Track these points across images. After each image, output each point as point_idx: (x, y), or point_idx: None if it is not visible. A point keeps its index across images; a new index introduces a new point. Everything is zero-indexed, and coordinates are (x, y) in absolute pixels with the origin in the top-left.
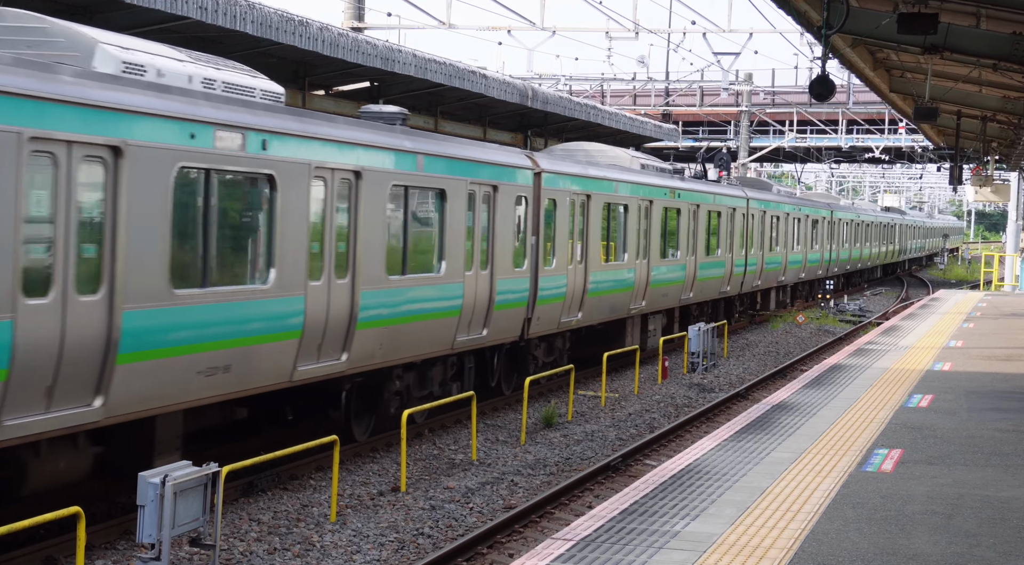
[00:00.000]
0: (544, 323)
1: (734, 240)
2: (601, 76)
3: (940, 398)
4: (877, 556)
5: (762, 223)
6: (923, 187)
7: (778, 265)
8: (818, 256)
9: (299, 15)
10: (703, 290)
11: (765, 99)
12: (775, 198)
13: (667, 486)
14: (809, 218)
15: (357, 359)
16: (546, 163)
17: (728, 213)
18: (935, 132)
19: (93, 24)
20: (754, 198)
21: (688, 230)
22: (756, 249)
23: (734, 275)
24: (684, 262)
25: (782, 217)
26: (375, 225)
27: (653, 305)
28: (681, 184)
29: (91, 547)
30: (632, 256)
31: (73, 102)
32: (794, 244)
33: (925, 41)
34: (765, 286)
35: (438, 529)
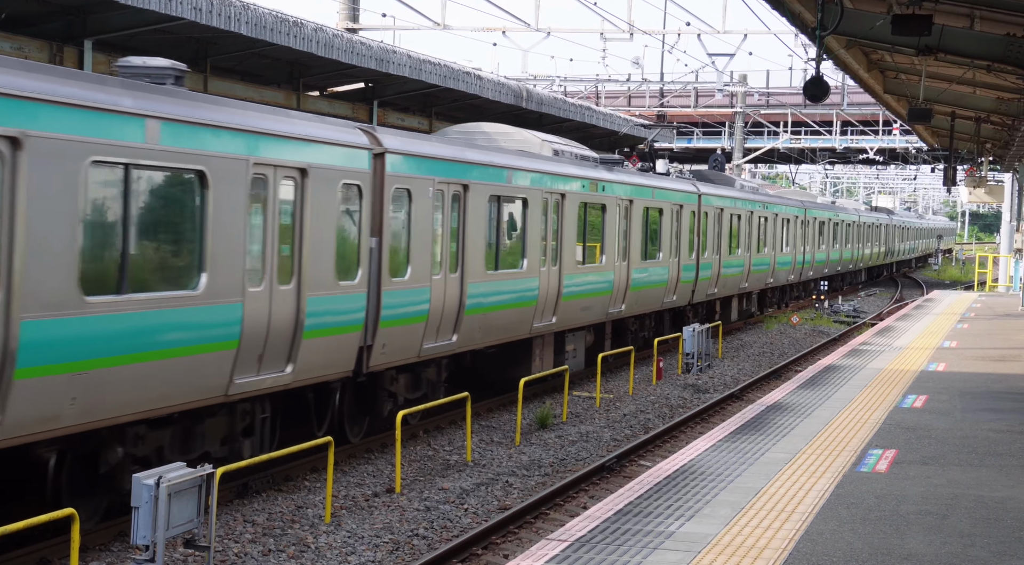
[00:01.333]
0: (395, 351)
1: (681, 242)
2: (596, 77)
3: (934, 399)
4: (872, 556)
5: (718, 222)
6: (917, 188)
7: (740, 270)
8: (789, 259)
9: (294, 16)
10: (640, 301)
11: (759, 100)
12: (736, 194)
13: (662, 487)
14: (779, 217)
15: None
16: (394, 142)
17: (673, 210)
18: (929, 133)
19: (88, 25)
20: (709, 194)
21: (618, 230)
22: (711, 252)
23: (681, 283)
24: (611, 269)
25: (744, 216)
26: (45, 220)
27: (569, 321)
28: (608, 175)
29: (85, 549)
30: (535, 262)
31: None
32: (760, 246)
33: (919, 42)
34: (724, 294)
35: (433, 530)
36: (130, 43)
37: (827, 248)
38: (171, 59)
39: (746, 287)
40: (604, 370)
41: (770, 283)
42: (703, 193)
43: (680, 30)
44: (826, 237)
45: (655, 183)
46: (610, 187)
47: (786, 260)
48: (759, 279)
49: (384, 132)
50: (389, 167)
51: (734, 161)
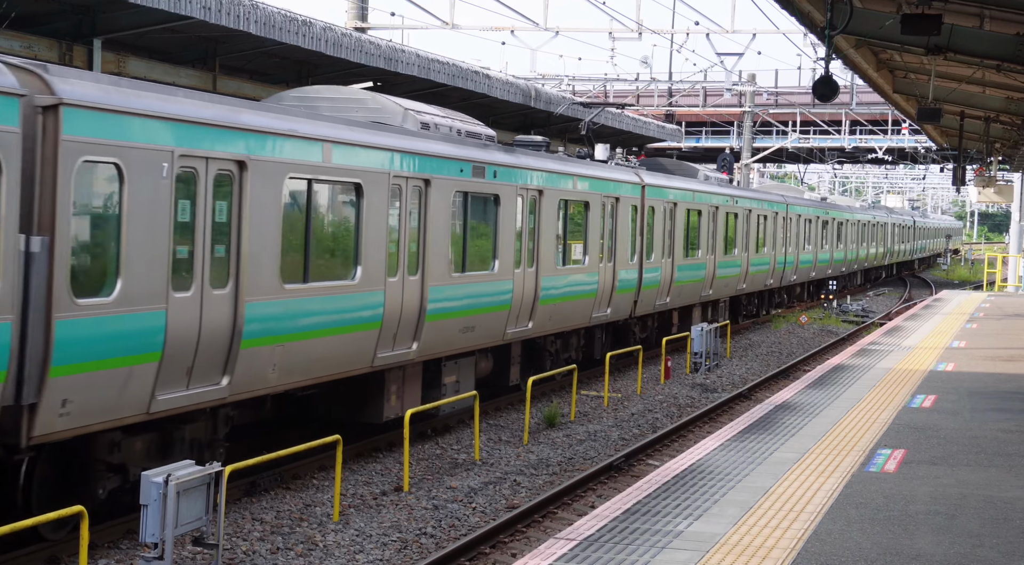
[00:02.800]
0: (89, 409)
1: (618, 242)
2: (604, 76)
3: (943, 398)
4: (880, 556)
5: (670, 219)
6: (926, 188)
7: (700, 276)
8: (767, 261)
9: (302, 15)
10: (558, 317)
11: (768, 100)
12: (697, 186)
13: (670, 486)
14: (753, 214)
15: None
16: (83, 90)
17: (606, 204)
18: (938, 133)
19: (97, 24)
20: (657, 185)
21: (520, 228)
22: (661, 255)
23: (618, 293)
24: (508, 277)
25: (707, 211)
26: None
27: (446, 346)
28: (502, 158)
29: (94, 546)
30: (376, 272)
31: None
32: (729, 247)
33: (929, 42)
34: (682, 304)
35: (441, 529)
36: (139, 42)
37: (814, 249)
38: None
39: (710, 295)
40: (612, 369)
41: (742, 290)
42: (649, 184)
43: (689, 29)
44: (813, 237)
45: (578, 170)
46: (507, 173)
47: (763, 262)
48: (727, 285)
49: (66, 74)
50: (68, 128)
51: (742, 160)
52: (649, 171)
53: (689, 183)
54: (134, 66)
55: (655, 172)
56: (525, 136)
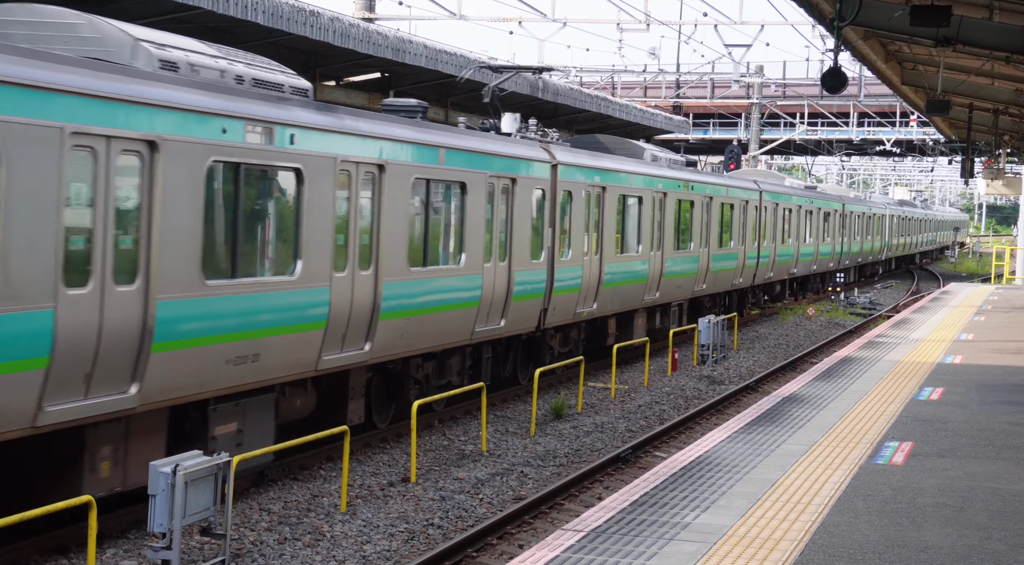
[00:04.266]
0: None
1: (515, 237)
2: (612, 68)
3: (951, 391)
4: (888, 548)
5: (597, 207)
6: (934, 180)
7: (642, 276)
8: (735, 257)
9: (310, 5)
10: (416, 332)
11: (776, 91)
12: (634, 168)
13: (677, 478)
14: (716, 202)
15: None
16: None
17: (493, 187)
18: (947, 125)
19: (104, 13)
20: (574, 164)
21: (352, 218)
22: (585, 251)
23: (515, 300)
24: (324, 283)
25: (653, 199)
26: None
27: (191, 384)
28: (305, 117)
29: (102, 536)
30: (33, 280)
31: None
32: (684, 242)
33: (938, 34)
34: (618, 309)
35: (448, 520)
36: None
37: (796, 242)
38: None
39: (656, 298)
40: (619, 361)
41: (701, 291)
42: (563, 163)
43: (697, 21)
44: (795, 228)
45: (447, 140)
46: (313, 138)
47: (729, 258)
48: (682, 286)
49: None
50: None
51: (750, 152)
52: (573, 148)
53: (625, 163)
54: None
55: (579, 149)
56: (397, 99)
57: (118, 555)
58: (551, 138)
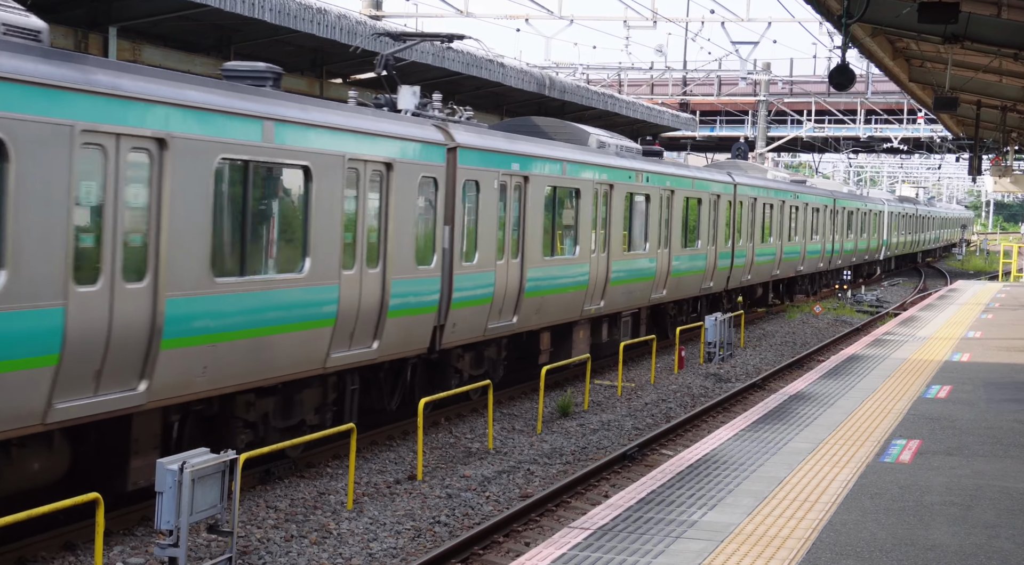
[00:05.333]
0: None
1: (389, 238)
2: (619, 65)
3: (958, 389)
4: (895, 547)
5: (517, 202)
6: (941, 177)
7: (579, 281)
8: (703, 258)
9: (317, 3)
10: (234, 364)
11: (783, 89)
12: (570, 155)
13: (684, 476)
14: (679, 195)
15: None
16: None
17: (358, 175)
18: (954, 122)
19: (112, 11)
20: (482, 149)
21: (148, 213)
22: (496, 255)
23: (389, 316)
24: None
25: (593, 192)
26: None
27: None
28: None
29: (109, 533)
30: None
31: None
32: (636, 241)
33: (946, 30)
34: (551, 322)
35: (454, 517)
36: (154, 30)
37: (779, 241)
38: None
39: (601, 308)
40: (626, 359)
41: (661, 298)
42: (465, 146)
43: (704, 18)
44: (778, 226)
45: (283, 112)
46: (117, 110)
47: (696, 260)
48: (636, 293)
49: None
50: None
51: (757, 150)
52: (486, 130)
53: (558, 149)
54: (149, 54)
55: (494, 133)
56: (243, 63)
57: (125, 552)
58: (461, 117)
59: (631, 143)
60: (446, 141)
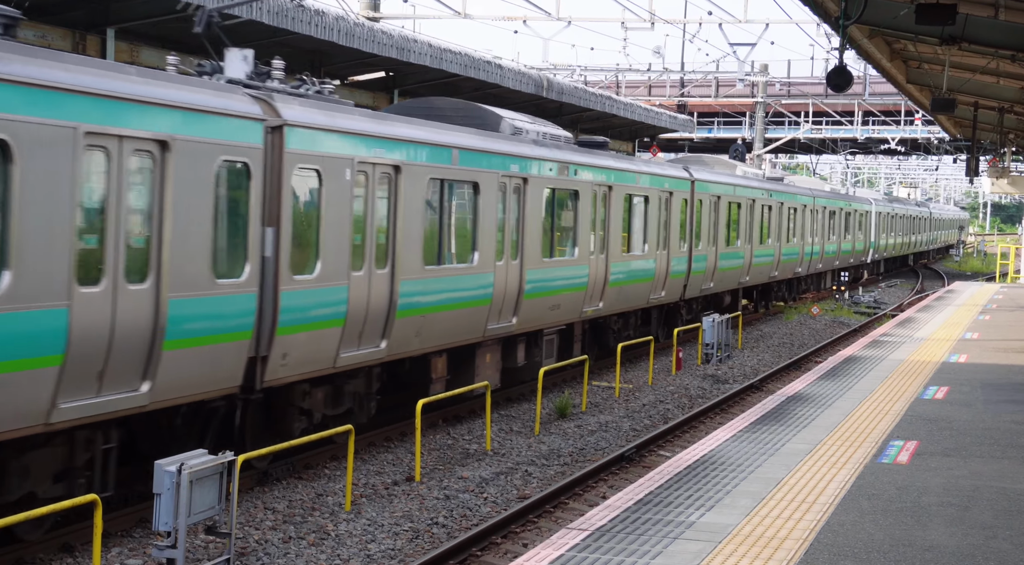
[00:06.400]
0: None
1: (169, 245)
2: (616, 66)
3: (956, 390)
4: (893, 547)
5: (381, 196)
6: (939, 179)
7: (480, 296)
8: (650, 266)
9: (315, 5)
10: None
11: (781, 90)
12: (466, 142)
13: (682, 477)
14: (616, 194)
15: None
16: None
17: (108, 154)
18: (952, 123)
19: (110, 13)
20: (318, 128)
21: None
22: (353, 265)
23: (165, 348)
24: None
25: (501, 187)
26: None
27: None
28: None
29: (107, 535)
30: None
31: None
32: (562, 246)
33: (943, 32)
34: (445, 345)
35: (452, 519)
36: (152, 31)
37: (748, 245)
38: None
39: (513, 327)
40: (624, 360)
41: (597, 311)
42: (296, 124)
43: (701, 19)
44: (746, 228)
45: None
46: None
47: (643, 267)
48: (562, 307)
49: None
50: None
51: (755, 151)
52: (347, 109)
53: (449, 134)
54: (147, 55)
55: (355, 112)
56: None
57: (123, 554)
58: (315, 91)
59: (561, 130)
60: (265, 116)
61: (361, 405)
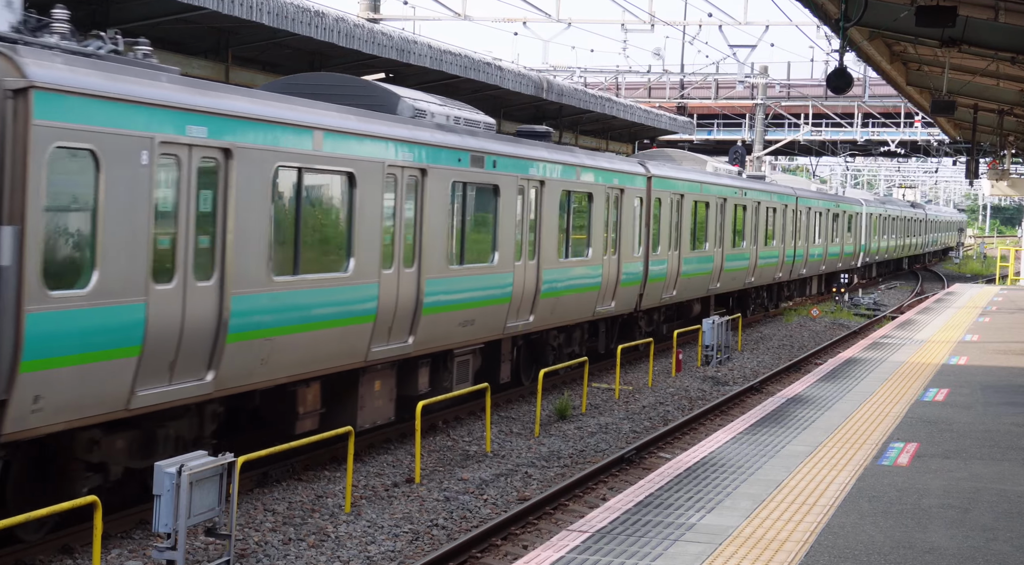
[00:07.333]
0: None
1: None
2: (616, 68)
3: (956, 392)
4: (893, 549)
5: (209, 188)
6: (938, 181)
7: (362, 311)
8: (596, 273)
9: (315, 6)
10: None
11: (780, 92)
12: (337, 123)
13: (682, 479)
14: (549, 190)
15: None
16: None
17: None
18: (951, 126)
19: (111, 14)
20: (78, 91)
21: None
22: (156, 272)
23: None
24: None
25: (394, 181)
26: None
27: None
28: None
29: (107, 536)
30: None
31: None
32: (477, 252)
33: (943, 34)
34: (294, 375)
35: (452, 520)
36: (152, 32)
37: (718, 248)
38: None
39: (408, 346)
40: (623, 362)
41: (523, 327)
42: (52, 87)
43: (701, 21)
44: (715, 229)
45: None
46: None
47: (586, 273)
48: (480, 323)
49: None
50: None
51: (754, 153)
52: (149, 71)
53: (313, 113)
54: None
55: (161, 76)
56: None
57: (123, 555)
58: (100, 49)
59: (482, 116)
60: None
61: (184, 450)
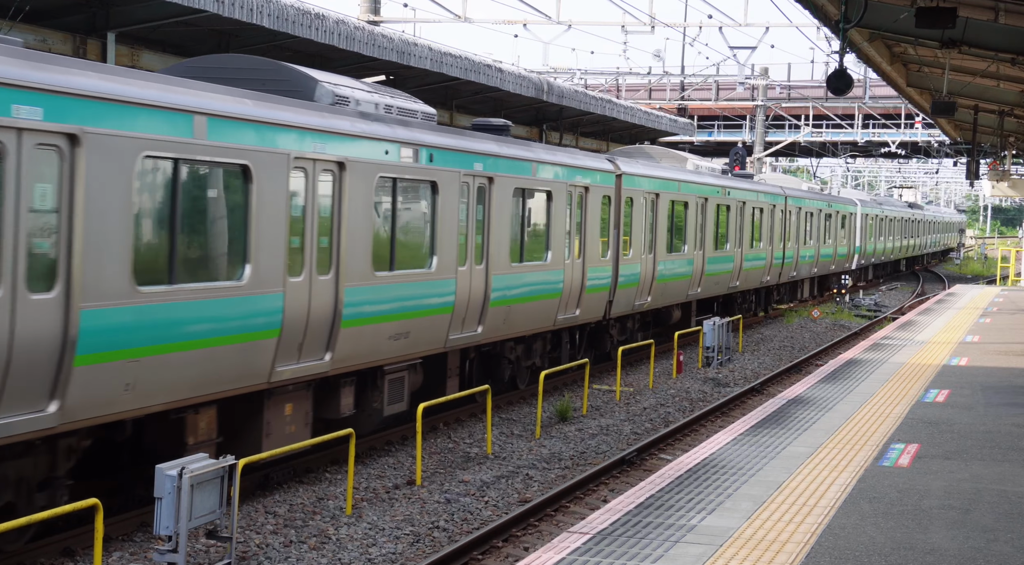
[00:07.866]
0: None
1: None
2: (616, 70)
3: (957, 393)
4: (894, 550)
5: (56, 183)
6: (939, 182)
7: (266, 325)
8: (558, 280)
9: (315, 8)
10: None
11: (781, 93)
12: (232, 109)
13: (683, 480)
14: (499, 188)
15: None
16: None
17: None
18: (952, 127)
19: (112, 17)
20: None
21: None
22: None
23: None
24: None
25: (296, 171)
26: None
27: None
28: None
29: (108, 539)
30: None
31: None
32: (415, 257)
33: (943, 35)
34: (181, 398)
35: (453, 522)
36: (153, 35)
37: (698, 251)
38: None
39: (327, 363)
40: (624, 364)
41: (470, 338)
42: None
43: (702, 23)
44: (694, 231)
45: None
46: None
47: (543, 280)
48: (416, 335)
49: None
50: None
51: (755, 154)
52: (52, 55)
53: (205, 98)
54: (147, 59)
55: (21, 54)
56: None
57: (124, 558)
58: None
59: (420, 105)
60: None
61: (30, 493)
